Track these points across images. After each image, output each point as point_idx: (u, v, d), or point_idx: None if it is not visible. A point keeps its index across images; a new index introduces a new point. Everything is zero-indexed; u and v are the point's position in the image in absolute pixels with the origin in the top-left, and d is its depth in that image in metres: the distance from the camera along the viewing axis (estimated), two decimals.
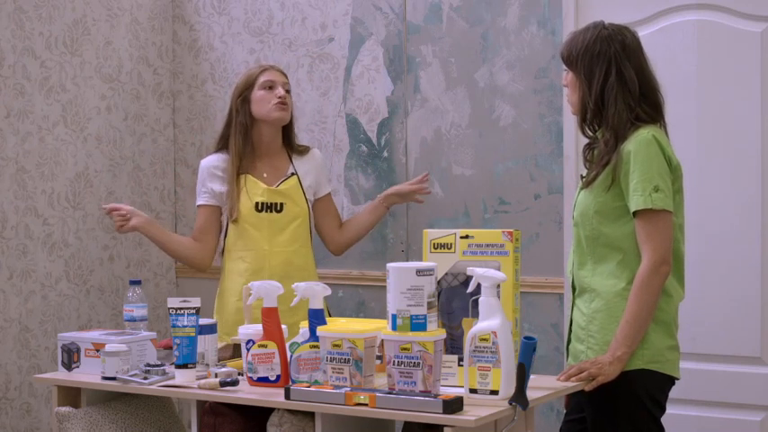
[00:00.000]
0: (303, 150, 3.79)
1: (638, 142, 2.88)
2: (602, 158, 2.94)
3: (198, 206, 3.74)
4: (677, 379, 2.99)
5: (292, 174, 3.71)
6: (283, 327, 2.89)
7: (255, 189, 3.65)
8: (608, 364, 2.83)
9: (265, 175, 3.69)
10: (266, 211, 3.64)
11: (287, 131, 3.76)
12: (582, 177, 3.06)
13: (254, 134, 3.69)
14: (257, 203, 3.64)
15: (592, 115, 2.97)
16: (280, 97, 3.64)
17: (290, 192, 3.68)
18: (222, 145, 3.73)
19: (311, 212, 3.74)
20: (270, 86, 3.66)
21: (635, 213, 2.88)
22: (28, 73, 4.36)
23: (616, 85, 2.92)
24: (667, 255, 2.85)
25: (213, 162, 3.71)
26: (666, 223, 2.87)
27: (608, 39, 2.95)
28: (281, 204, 3.66)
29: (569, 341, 3.07)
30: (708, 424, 3.79)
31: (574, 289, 3.07)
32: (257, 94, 3.66)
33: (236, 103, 3.68)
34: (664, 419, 3.05)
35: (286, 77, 3.75)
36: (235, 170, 3.65)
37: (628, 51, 2.96)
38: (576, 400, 3.02)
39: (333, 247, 3.86)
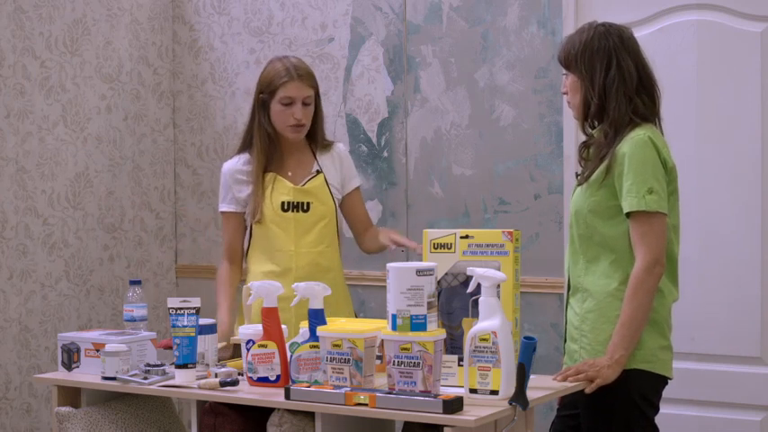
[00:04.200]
0: (327, 145, 3.63)
1: (633, 144, 2.88)
2: (600, 151, 2.94)
3: (222, 212, 3.60)
4: (670, 379, 2.99)
5: (318, 171, 3.56)
6: (283, 327, 2.89)
7: (282, 188, 3.50)
8: (606, 367, 2.83)
9: (290, 173, 3.54)
10: (292, 211, 3.50)
11: (311, 129, 3.59)
12: (577, 175, 3.07)
13: (277, 135, 3.53)
14: (283, 203, 3.50)
15: (596, 110, 2.96)
16: (296, 119, 3.47)
17: (316, 190, 3.53)
18: (247, 143, 3.57)
19: (338, 211, 3.60)
20: (288, 103, 3.47)
21: (629, 215, 2.88)
22: (28, 73, 4.36)
23: (616, 77, 2.93)
24: (661, 256, 2.86)
25: (236, 166, 3.56)
26: (660, 225, 2.87)
27: (605, 34, 2.98)
28: (308, 204, 3.51)
29: (566, 340, 3.08)
30: (708, 424, 3.79)
31: (569, 287, 3.08)
32: (275, 107, 3.48)
33: (257, 102, 3.53)
34: (663, 419, 3.05)
35: (311, 84, 3.52)
36: (261, 169, 3.50)
37: (626, 44, 2.98)
38: (570, 397, 3.02)
39: (361, 248, 3.74)
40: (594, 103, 2.96)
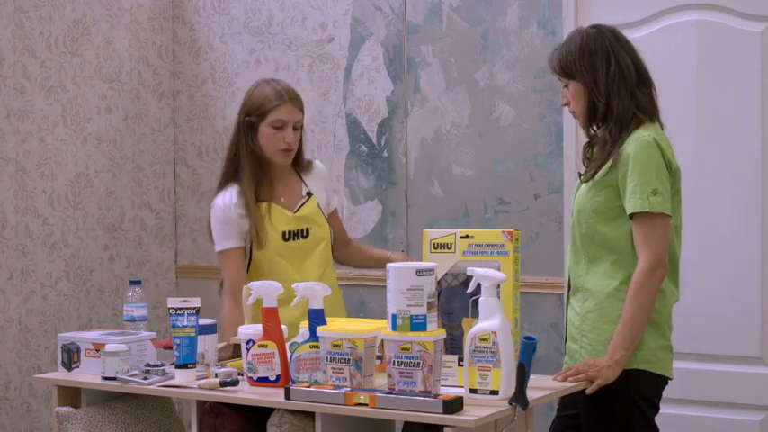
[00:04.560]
0: (308, 166, 3.55)
1: (638, 145, 2.88)
2: (605, 150, 2.94)
3: (225, 251, 3.39)
4: (670, 379, 3.00)
5: (308, 194, 3.49)
6: (283, 327, 2.89)
7: (280, 217, 3.39)
8: (606, 368, 2.84)
9: (283, 199, 3.44)
10: (294, 239, 3.40)
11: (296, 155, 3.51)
12: (580, 175, 3.06)
13: (265, 160, 3.42)
14: (284, 233, 3.38)
15: (603, 110, 2.96)
16: (287, 143, 3.38)
17: (312, 215, 3.45)
18: (231, 173, 3.43)
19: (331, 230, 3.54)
20: (280, 126, 3.37)
21: (632, 216, 2.88)
22: (28, 73, 4.36)
23: (617, 73, 2.95)
24: (663, 258, 2.86)
25: (231, 200, 3.38)
26: (664, 226, 2.87)
27: (599, 34, 3.00)
28: (307, 230, 3.43)
29: (567, 340, 3.08)
30: (708, 424, 3.79)
31: (569, 287, 3.08)
32: (265, 130, 3.37)
33: (243, 125, 3.41)
34: (663, 419, 3.05)
35: (300, 108, 3.44)
36: (254, 197, 3.37)
37: (620, 41, 3.00)
38: (570, 397, 3.02)
39: (340, 262, 3.66)
40: (602, 103, 2.95)
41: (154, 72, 4.88)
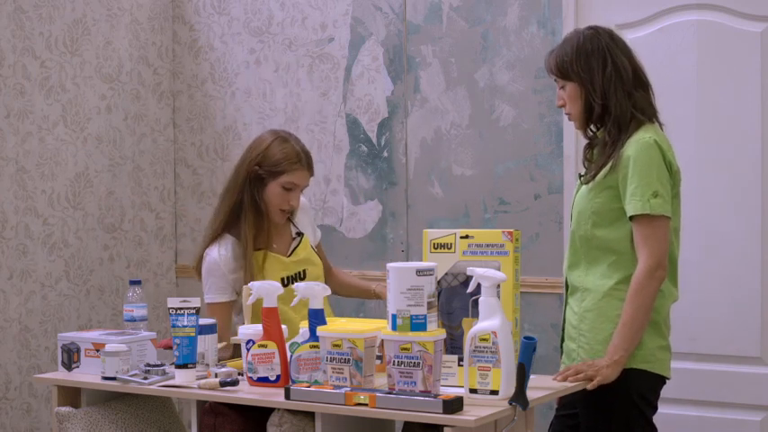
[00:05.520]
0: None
1: (638, 147, 2.88)
2: (605, 151, 2.94)
3: (214, 304, 3.34)
4: (668, 379, 3.00)
5: (298, 234, 3.44)
6: (283, 327, 2.89)
7: (276, 264, 3.33)
8: (605, 368, 2.84)
9: (275, 245, 3.37)
10: (291, 283, 3.31)
11: None
12: (580, 176, 3.07)
13: (266, 212, 3.35)
14: (282, 279, 3.30)
15: (599, 111, 2.97)
16: (291, 205, 3.33)
17: (306, 255, 3.41)
18: (232, 222, 3.34)
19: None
20: (290, 188, 3.31)
21: (632, 217, 2.88)
22: (28, 73, 4.36)
23: (614, 74, 2.96)
24: (663, 260, 2.87)
25: (227, 253, 3.32)
26: (664, 228, 2.87)
27: (595, 35, 3.01)
28: (304, 271, 3.38)
29: (563, 339, 3.08)
30: (708, 424, 3.79)
31: (567, 287, 3.08)
32: (274, 189, 3.30)
33: (250, 174, 3.32)
34: (663, 419, 3.05)
35: (312, 173, 3.38)
36: (251, 250, 3.29)
37: (616, 42, 3.01)
38: (569, 397, 3.02)
39: None
40: (598, 104, 2.96)
41: (154, 72, 4.88)
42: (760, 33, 3.69)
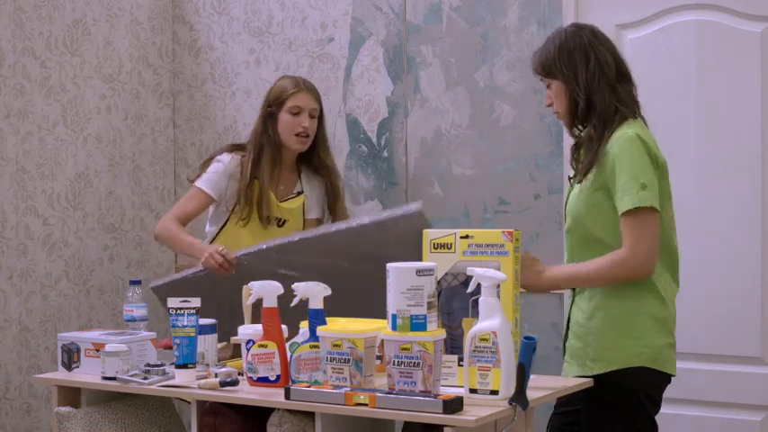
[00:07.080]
0: (318, 170, 3.86)
1: (621, 143, 2.89)
2: (591, 146, 2.95)
3: (199, 188, 3.80)
4: (673, 376, 3.00)
5: (299, 192, 3.82)
6: (283, 327, 2.89)
7: (269, 201, 3.73)
8: (543, 277, 2.97)
9: (282, 187, 3.80)
10: (271, 224, 3.73)
11: (309, 150, 3.83)
12: (570, 179, 3.08)
13: (281, 149, 3.79)
14: (268, 216, 3.73)
15: (584, 107, 2.97)
16: (303, 127, 3.74)
17: (294, 210, 3.78)
18: (255, 149, 3.76)
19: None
20: (296, 112, 3.76)
21: (622, 213, 2.88)
22: (28, 73, 4.36)
23: (596, 69, 2.97)
24: (649, 258, 2.86)
25: (236, 162, 3.77)
26: (653, 221, 2.87)
27: (577, 33, 3.03)
28: (285, 221, 3.75)
29: (566, 338, 3.08)
30: (708, 424, 3.79)
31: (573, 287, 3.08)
32: (284, 117, 3.76)
33: (264, 114, 3.79)
34: (663, 419, 3.05)
35: (317, 99, 3.83)
36: (253, 177, 3.73)
37: (599, 37, 3.03)
38: (568, 395, 3.02)
39: None
40: (582, 99, 2.97)
41: (154, 72, 4.88)
42: (760, 33, 3.69)
